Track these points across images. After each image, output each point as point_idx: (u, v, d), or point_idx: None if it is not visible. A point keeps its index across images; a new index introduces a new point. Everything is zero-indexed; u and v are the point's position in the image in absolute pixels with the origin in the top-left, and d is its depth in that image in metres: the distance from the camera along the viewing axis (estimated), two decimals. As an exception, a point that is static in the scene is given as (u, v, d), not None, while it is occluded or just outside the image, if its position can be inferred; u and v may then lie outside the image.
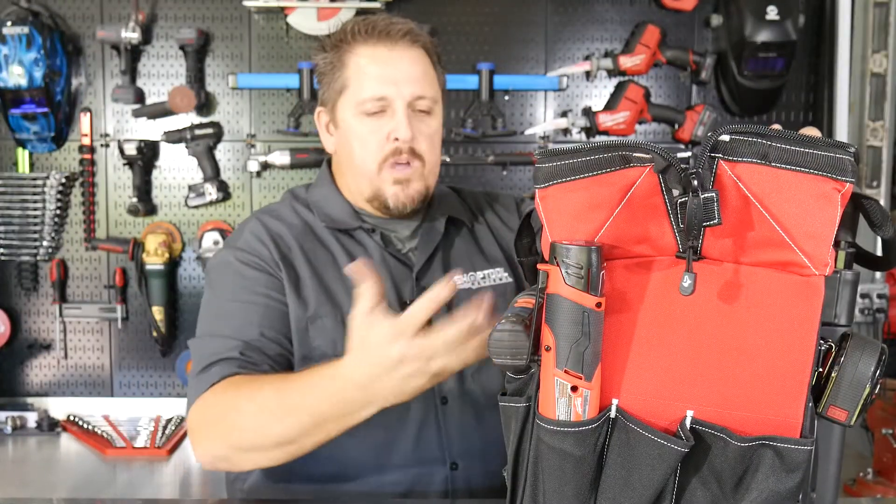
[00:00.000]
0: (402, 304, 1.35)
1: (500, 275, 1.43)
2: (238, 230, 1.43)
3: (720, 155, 0.74)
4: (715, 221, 0.72)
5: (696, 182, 0.72)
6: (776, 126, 0.76)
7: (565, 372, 0.75)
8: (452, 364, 1.04)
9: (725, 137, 0.73)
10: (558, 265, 0.74)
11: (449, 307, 1.34)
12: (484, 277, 1.42)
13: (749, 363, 0.75)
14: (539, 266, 0.77)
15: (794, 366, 0.75)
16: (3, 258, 2.60)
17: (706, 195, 0.72)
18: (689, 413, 0.75)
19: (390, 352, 1.03)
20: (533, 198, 0.84)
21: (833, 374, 0.75)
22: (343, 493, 1.31)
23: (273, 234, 1.38)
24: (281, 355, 1.29)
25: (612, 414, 0.77)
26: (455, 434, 1.34)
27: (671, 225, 0.77)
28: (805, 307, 0.75)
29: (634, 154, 0.76)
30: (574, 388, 0.75)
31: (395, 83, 1.33)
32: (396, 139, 1.33)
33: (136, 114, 2.57)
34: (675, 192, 0.75)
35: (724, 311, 0.76)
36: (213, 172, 2.57)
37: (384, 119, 1.34)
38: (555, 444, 0.76)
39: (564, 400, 0.75)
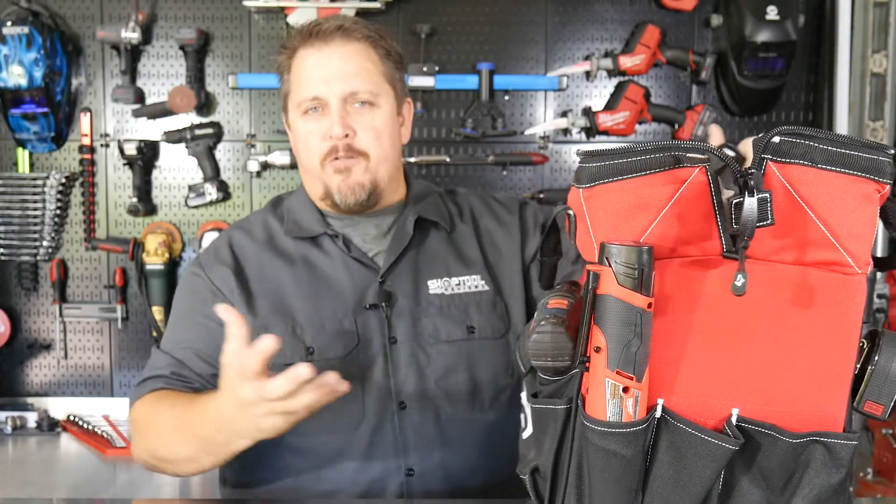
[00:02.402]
0: (363, 308, 1.36)
1: (476, 282, 1.41)
2: (209, 244, 1.49)
3: (770, 156, 0.75)
4: (768, 222, 0.72)
5: (752, 182, 0.72)
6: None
7: (616, 373, 0.74)
8: (297, 409, 1.07)
9: (776, 139, 0.74)
10: (609, 266, 0.74)
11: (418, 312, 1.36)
12: (459, 284, 1.40)
13: (793, 360, 0.76)
14: (588, 267, 0.77)
15: (838, 362, 0.76)
16: (3, 258, 2.60)
17: (760, 196, 0.72)
18: (735, 411, 0.76)
19: (236, 395, 1.08)
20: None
21: (868, 370, 0.77)
22: (305, 491, 1.33)
23: (236, 249, 1.43)
24: (213, 375, 1.32)
25: (658, 414, 0.77)
26: (412, 439, 1.33)
27: (717, 225, 0.77)
28: (848, 305, 0.77)
29: (688, 154, 0.76)
30: (625, 389, 0.75)
31: (326, 81, 1.35)
32: (331, 137, 1.35)
33: (136, 114, 2.57)
34: (729, 193, 0.75)
35: (769, 309, 0.77)
36: (213, 172, 2.57)
37: (323, 118, 1.36)
38: (604, 445, 0.76)
39: (615, 401, 0.75)
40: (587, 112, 2.57)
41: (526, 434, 0.93)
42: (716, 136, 1.13)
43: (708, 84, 2.61)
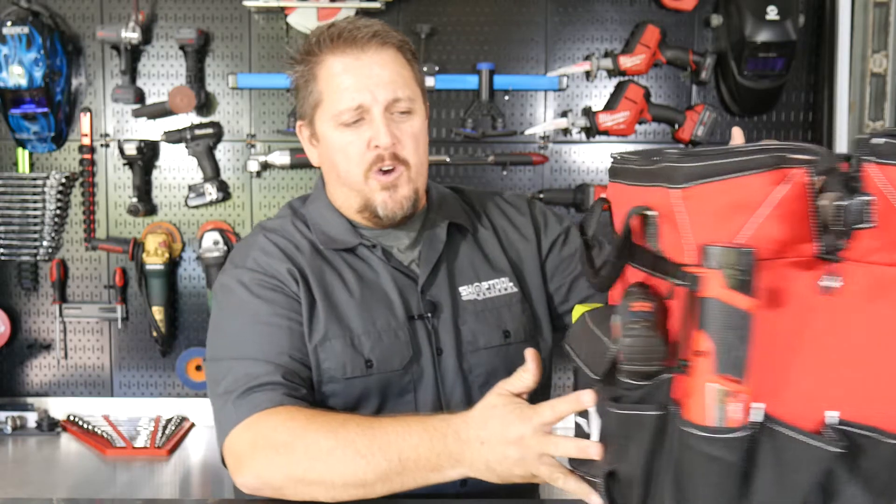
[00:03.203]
0: (409, 319, 1.34)
1: (505, 284, 1.40)
2: (244, 248, 1.39)
3: (873, 158, 0.74)
4: (871, 224, 0.72)
5: (856, 184, 0.72)
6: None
7: (722, 377, 0.73)
8: (553, 477, 1.03)
9: (879, 141, 0.74)
10: (713, 268, 0.73)
11: (456, 319, 1.35)
12: (489, 288, 1.39)
13: (892, 361, 0.76)
14: (690, 269, 0.76)
15: None
16: (3, 258, 2.60)
17: (865, 198, 0.72)
18: (835, 414, 0.76)
19: (512, 428, 1.03)
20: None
21: None
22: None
23: (285, 251, 1.35)
24: (310, 379, 1.28)
25: (760, 418, 0.76)
26: None
27: (813, 226, 0.76)
28: None
29: (792, 156, 0.75)
30: (730, 394, 0.74)
31: (368, 90, 1.30)
32: (377, 146, 1.30)
33: (136, 114, 2.57)
34: (832, 195, 0.74)
35: (867, 311, 0.76)
36: (213, 172, 2.57)
37: (363, 127, 1.31)
38: (708, 451, 0.75)
39: (719, 406, 0.74)
40: (587, 112, 2.57)
41: (594, 438, 0.92)
42: (738, 138, 1.12)
43: (708, 84, 2.61)
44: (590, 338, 0.89)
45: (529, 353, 1.08)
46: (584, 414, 0.95)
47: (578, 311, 1.01)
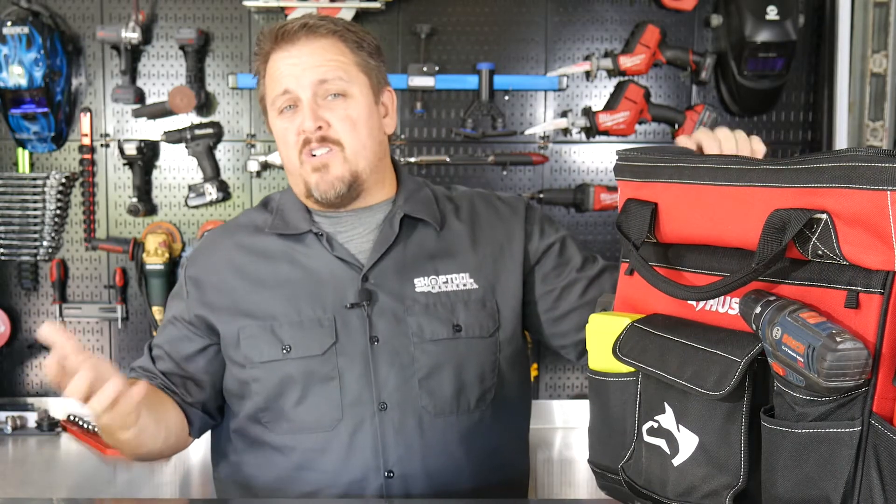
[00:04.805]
0: (345, 307, 1.36)
1: (464, 280, 1.41)
2: (194, 245, 1.55)
3: None
4: None
5: None
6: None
7: None
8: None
9: None
10: None
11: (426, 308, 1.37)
12: (447, 281, 1.40)
13: None
14: None
15: None
16: (3, 258, 2.60)
17: None
18: None
19: None
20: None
21: None
22: (286, 489, 1.35)
23: (213, 251, 1.46)
24: (170, 371, 1.42)
25: None
26: (393, 441, 1.32)
27: None
28: None
29: None
30: None
31: (293, 75, 1.36)
32: (304, 131, 1.36)
33: (136, 114, 2.57)
34: None
35: None
36: (213, 172, 2.57)
37: (296, 114, 1.37)
38: None
39: None
40: (587, 112, 2.57)
41: (684, 458, 0.89)
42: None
43: (708, 84, 2.61)
44: (689, 353, 0.86)
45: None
46: (661, 433, 0.91)
47: (602, 320, 0.99)
